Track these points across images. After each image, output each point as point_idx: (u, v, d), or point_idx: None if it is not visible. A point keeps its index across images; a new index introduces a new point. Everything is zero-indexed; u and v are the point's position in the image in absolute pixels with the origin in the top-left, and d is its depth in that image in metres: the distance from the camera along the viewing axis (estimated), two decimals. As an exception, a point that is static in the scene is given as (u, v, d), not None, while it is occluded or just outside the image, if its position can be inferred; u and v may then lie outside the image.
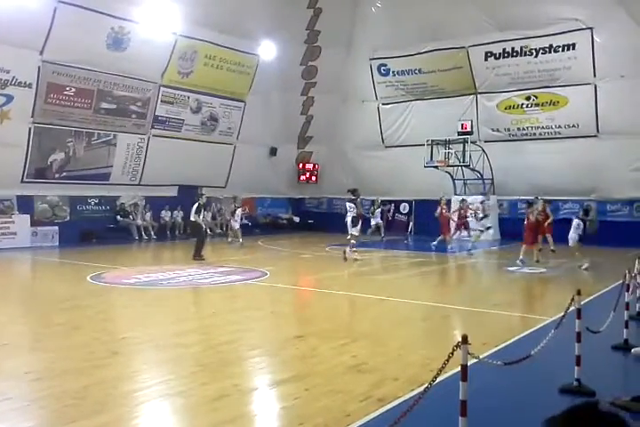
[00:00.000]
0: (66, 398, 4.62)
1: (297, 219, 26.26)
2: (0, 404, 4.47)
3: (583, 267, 13.22)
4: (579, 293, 4.96)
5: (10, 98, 16.95)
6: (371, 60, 24.18)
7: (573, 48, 20.10)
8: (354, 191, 14.93)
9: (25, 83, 17.11)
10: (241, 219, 19.65)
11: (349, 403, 4.55)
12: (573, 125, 20.70)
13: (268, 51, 23.32)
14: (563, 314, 4.96)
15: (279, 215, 26.58)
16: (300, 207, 27.69)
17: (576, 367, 4.86)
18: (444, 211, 17.57)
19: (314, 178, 26.90)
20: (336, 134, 25.71)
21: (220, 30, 20.96)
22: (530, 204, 15.12)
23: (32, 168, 18.22)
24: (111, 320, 8.26)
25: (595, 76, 19.88)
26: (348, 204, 15.17)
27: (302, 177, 26.94)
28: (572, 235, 13.31)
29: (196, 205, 15.06)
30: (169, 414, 4.54)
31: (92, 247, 17.97)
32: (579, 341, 4.87)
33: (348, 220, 14.90)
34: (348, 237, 14.98)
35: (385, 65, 24.05)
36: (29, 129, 17.81)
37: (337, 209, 26.24)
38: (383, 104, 24.62)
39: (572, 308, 4.97)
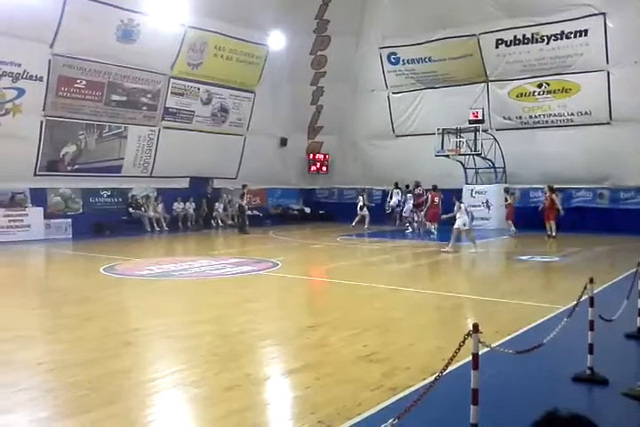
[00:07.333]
0: (79, 388, 4.66)
1: (307, 209, 26.28)
2: (14, 394, 4.52)
3: (472, 250, 14.42)
4: (591, 281, 4.92)
5: (21, 91, 17.00)
6: (380, 48, 24.01)
7: (585, 34, 19.81)
8: None
9: (36, 76, 17.16)
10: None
11: (360, 392, 4.55)
12: (586, 113, 20.44)
13: (277, 41, 23.22)
14: (575, 302, 4.93)
15: (290, 206, 26.56)
16: (311, 198, 27.65)
17: (589, 356, 4.82)
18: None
19: (324, 168, 26.80)
20: (346, 124, 25.60)
21: (229, 21, 20.87)
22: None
23: (44, 161, 18.31)
24: (124, 311, 8.32)
25: (607, 62, 19.57)
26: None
27: (313, 167, 26.82)
28: (466, 218, 14.37)
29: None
30: (182, 404, 4.57)
31: (105, 239, 18.08)
32: (592, 329, 4.83)
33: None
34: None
35: (395, 54, 23.87)
36: (41, 122, 17.88)
37: (348, 199, 26.22)
38: (393, 93, 24.45)
39: (584, 296, 4.93)
